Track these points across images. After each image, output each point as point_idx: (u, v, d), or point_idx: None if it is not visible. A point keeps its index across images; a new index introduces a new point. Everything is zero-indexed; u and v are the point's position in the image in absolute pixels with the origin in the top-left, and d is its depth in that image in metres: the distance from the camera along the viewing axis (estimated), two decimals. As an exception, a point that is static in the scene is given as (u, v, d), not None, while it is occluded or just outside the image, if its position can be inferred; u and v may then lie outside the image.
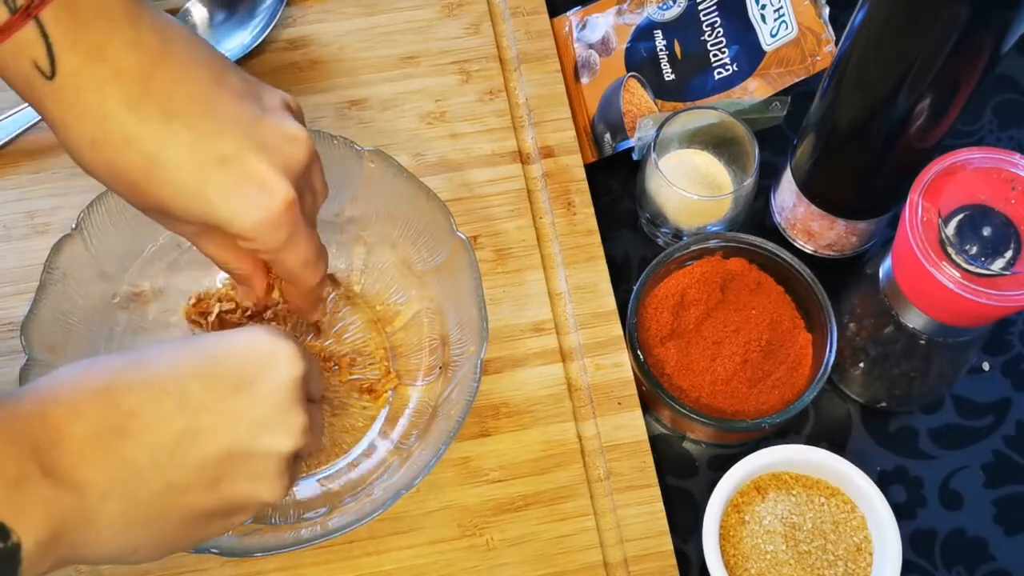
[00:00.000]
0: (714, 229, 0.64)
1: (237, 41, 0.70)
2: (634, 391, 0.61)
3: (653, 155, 0.62)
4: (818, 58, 0.66)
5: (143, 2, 0.44)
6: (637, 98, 0.68)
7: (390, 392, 0.60)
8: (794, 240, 0.66)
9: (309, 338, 0.61)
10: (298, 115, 0.48)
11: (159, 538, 0.41)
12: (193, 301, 0.61)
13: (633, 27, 0.70)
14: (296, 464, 0.46)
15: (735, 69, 0.68)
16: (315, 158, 0.48)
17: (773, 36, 0.67)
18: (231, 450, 0.41)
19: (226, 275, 0.62)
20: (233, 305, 0.60)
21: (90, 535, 0.39)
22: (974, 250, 0.48)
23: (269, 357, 0.43)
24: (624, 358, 0.62)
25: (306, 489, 0.57)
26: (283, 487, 0.43)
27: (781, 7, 0.67)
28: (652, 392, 0.59)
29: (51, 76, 0.42)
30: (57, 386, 0.40)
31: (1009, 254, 0.48)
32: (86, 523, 0.38)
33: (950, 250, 0.48)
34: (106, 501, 0.39)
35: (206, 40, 0.47)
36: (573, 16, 0.72)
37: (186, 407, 0.40)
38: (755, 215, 0.67)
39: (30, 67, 0.42)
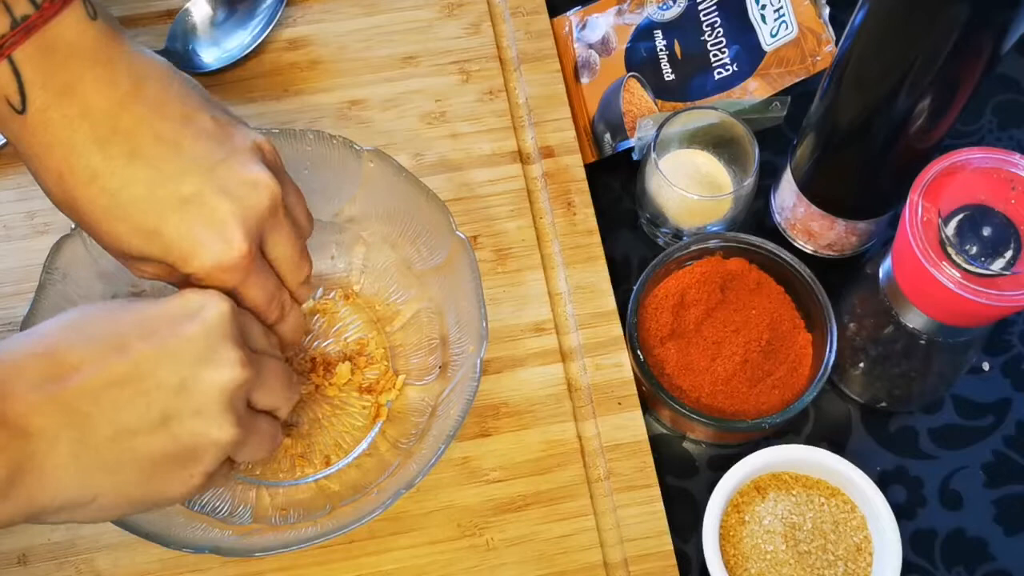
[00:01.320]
0: (714, 229, 0.64)
1: (237, 41, 0.70)
2: (634, 391, 0.61)
3: (653, 155, 0.62)
4: (818, 58, 0.66)
5: (125, 42, 0.45)
6: (637, 98, 0.68)
7: (390, 391, 0.60)
8: (794, 240, 0.66)
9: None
10: (269, 157, 0.49)
11: (118, 486, 0.42)
12: None
13: (633, 27, 0.70)
14: (258, 417, 0.47)
15: (735, 69, 0.68)
16: (289, 196, 0.49)
17: (773, 36, 0.67)
18: (173, 385, 0.42)
19: None
20: None
21: (45, 480, 0.40)
22: (974, 250, 0.48)
23: (197, 303, 0.45)
24: (624, 358, 0.62)
25: (306, 489, 0.57)
26: (231, 424, 0.44)
27: (781, 7, 0.67)
28: (652, 392, 0.59)
29: (21, 111, 0.43)
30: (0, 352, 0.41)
31: (1009, 254, 0.48)
32: (39, 468, 0.40)
33: (950, 250, 0.48)
34: (56, 445, 0.40)
35: (188, 77, 0.48)
36: (573, 16, 0.72)
37: (125, 355, 0.42)
38: (755, 215, 0.67)
39: (2, 102, 0.43)
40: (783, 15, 0.67)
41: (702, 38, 0.68)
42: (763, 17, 0.67)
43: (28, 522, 0.41)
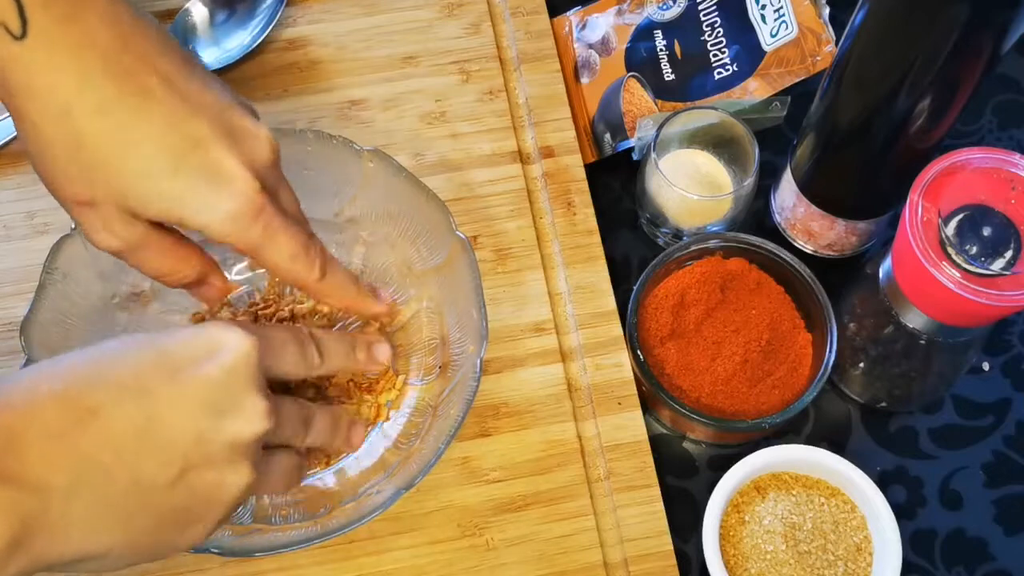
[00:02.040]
0: (714, 229, 0.64)
1: (237, 41, 0.70)
2: (634, 391, 0.61)
3: (653, 155, 0.62)
4: (818, 58, 0.66)
5: None
6: (637, 98, 0.68)
7: (390, 391, 0.60)
8: (794, 240, 0.66)
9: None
10: (254, 115, 0.48)
11: (132, 539, 0.40)
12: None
13: (633, 27, 0.70)
14: (271, 456, 0.46)
15: (735, 69, 0.68)
16: (279, 155, 0.47)
17: (773, 36, 0.67)
18: (191, 439, 0.40)
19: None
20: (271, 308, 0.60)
21: (57, 537, 0.38)
22: (974, 250, 0.48)
23: (218, 343, 0.42)
24: (624, 358, 0.62)
25: (306, 489, 0.57)
26: (247, 472, 0.42)
27: (781, 7, 0.67)
28: (652, 392, 0.59)
29: (21, 36, 0.40)
30: (11, 391, 0.38)
31: (1009, 254, 0.48)
32: (51, 525, 0.37)
33: (950, 250, 0.48)
34: (71, 502, 0.38)
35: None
36: (573, 16, 0.72)
37: (144, 400, 0.40)
38: (755, 215, 0.67)
39: None
40: (783, 15, 0.67)
41: (702, 38, 0.68)
42: (763, 17, 0.67)
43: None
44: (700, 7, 0.69)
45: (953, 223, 0.49)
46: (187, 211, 0.43)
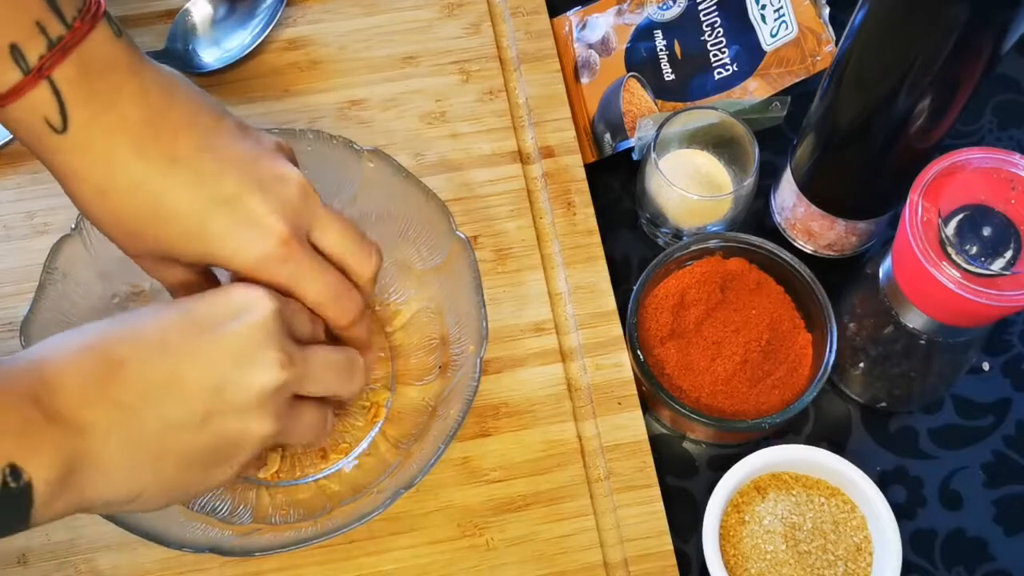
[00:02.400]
0: (714, 229, 0.64)
1: (237, 41, 0.70)
2: (634, 391, 0.61)
3: (653, 155, 0.62)
4: (818, 58, 0.66)
5: (145, 57, 0.46)
6: (637, 98, 0.68)
7: (390, 391, 0.60)
8: (794, 240, 0.66)
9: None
10: (290, 157, 0.50)
11: (163, 479, 0.43)
12: None
13: (633, 27, 0.70)
14: (303, 407, 0.48)
15: (735, 69, 0.68)
16: (309, 191, 0.49)
17: (773, 36, 0.67)
18: (214, 385, 0.43)
19: None
20: None
21: (97, 475, 0.41)
22: (974, 250, 0.48)
23: (243, 302, 0.45)
24: (624, 358, 0.62)
25: (306, 489, 0.57)
26: (271, 420, 0.45)
27: (781, 7, 0.67)
28: (652, 392, 0.59)
29: (63, 131, 0.44)
30: (49, 348, 0.42)
31: (1009, 254, 0.48)
32: (92, 463, 0.41)
33: (950, 250, 0.48)
34: (108, 441, 0.41)
35: (202, 90, 0.49)
36: (573, 16, 0.72)
37: (169, 353, 0.43)
38: (755, 215, 0.67)
39: (40, 123, 0.44)
40: (783, 15, 0.67)
41: (702, 38, 0.68)
42: (763, 17, 0.67)
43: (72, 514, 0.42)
44: (700, 7, 0.69)
45: (953, 223, 0.49)
46: (220, 259, 0.47)
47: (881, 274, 0.56)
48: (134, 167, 0.45)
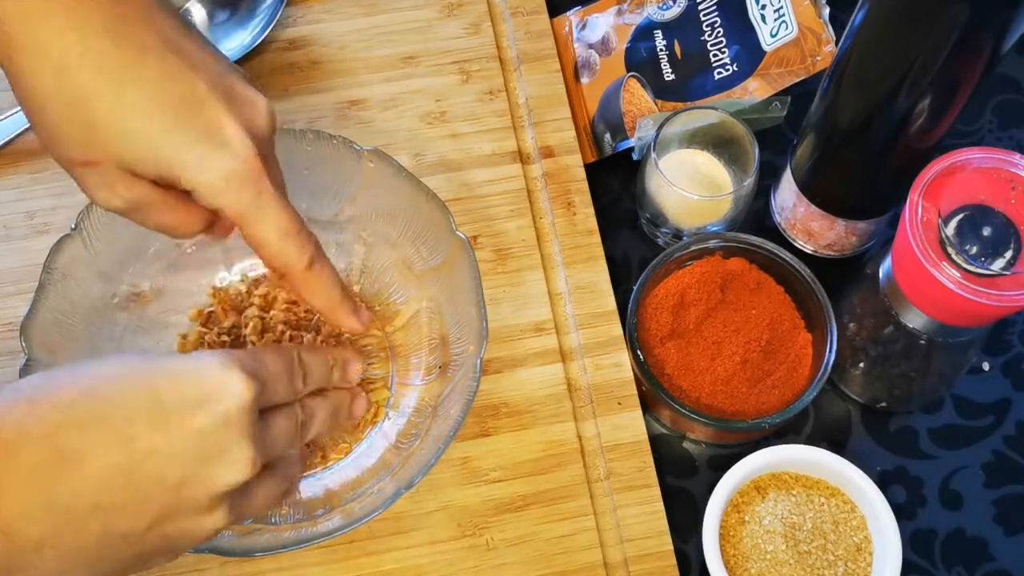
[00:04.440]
0: (714, 229, 0.64)
1: (237, 41, 0.70)
2: (634, 391, 0.61)
3: (653, 155, 0.62)
4: (818, 58, 0.66)
5: None
6: (637, 98, 0.68)
7: (390, 390, 0.60)
8: (794, 240, 0.66)
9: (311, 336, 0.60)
10: (252, 83, 0.47)
11: None
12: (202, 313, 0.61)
13: (633, 27, 0.70)
14: (252, 489, 0.44)
15: (735, 69, 0.68)
16: (275, 127, 0.46)
17: (773, 36, 0.67)
18: (172, 484, 0.39)
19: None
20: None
21: None
22: (974, 250, 0.48)
23: (214, 385, 0.40)
24: (624, 358, 0.62)
25: (306, 489, 0.57)
26: (225, 516, 0.41)
27: (781, 7, 0.67)
28: (652, 392, 0.59)
29: None
30: (1, 421, 0.38)
31: (1009, 254, 0.48)
32: (19, 570, 0.37)
33: (950, 250, 0.48)
34: (43, 552, 0.37)
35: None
36: (573, 16, 0.72)
37: (132, 447, 0.39)
38: (755, 215, 0.67)
39: None
40: (783, 15, 0.67)
41: (702, 38, 0.68)
42: (763, 17, 0.67)
43: None
44: (700, 7, 0.69)
45: (953, 223, 0.49)
46: (183, 170, 0.42)
47: (881, 274, 0.56)
48: (102, 42, 0.40)
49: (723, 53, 0.68)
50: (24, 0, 0.40)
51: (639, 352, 0.59)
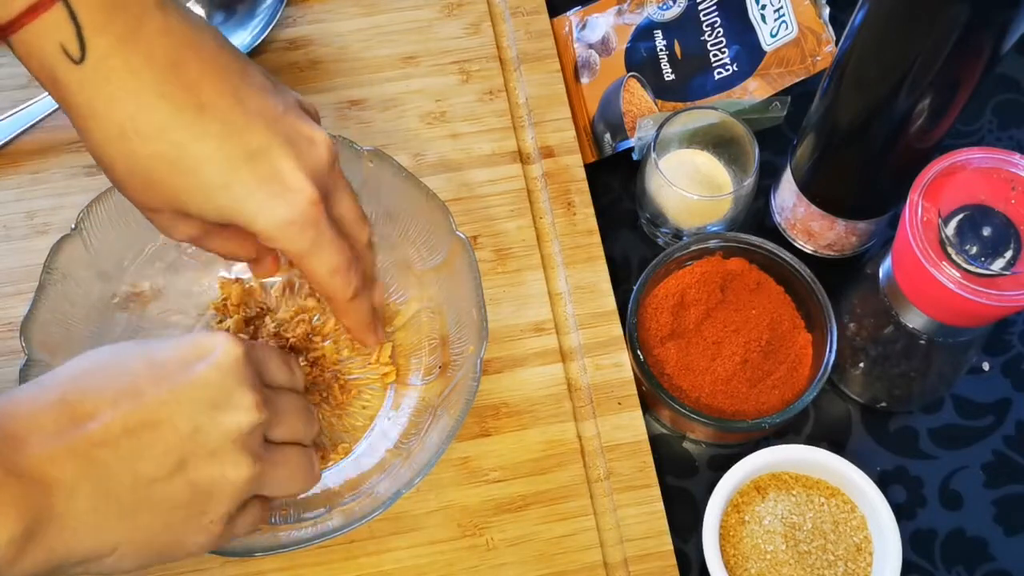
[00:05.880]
0: (714, 229, 0.64)
1: (237, 41, 0.70)
2: (634, 391, 0.61)
3: (653, 155, 0.62)
4: (818, 58, 0.66)
5: None
6: (637, 98, 0.68)
7: (390, 390, 0.60)
8: (794, 240, 0.66)
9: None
10: (314, 116, 0.48)
11: (138, 534, 0.41)
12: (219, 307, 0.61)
13: (633, 27, 0.70)
14: (284, 450, 0.46)
15: (735, 69, 0.68)
16: (337, 158, 0.47)
17: (773, 36, 0.67)
18: (186, 432, 0.42)
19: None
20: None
21: (65, 532, 0.39)
22: (974, 250, 0.48)
23: (207, 346, 0.44)
24: (624, 358, 0.62)
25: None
26: (248, 464, 0.43)
27: (781, 7, 0.67)
28: (652, 392, 0.59)
29: (80, 60, 0.41)
30: (13, 402, 0.40)
31: (1009, 254, 0.48)
32: (59, 519, 0.39)
33: (950, 250, 0.48)
34: (75, 496, 0.39)
35: (224, 35, 0.46)
36: (573, 16, 0.72)
37: (138, 400, 0.41)
38: (755, 215, 0.67)
39: (56, 51, 0.41)
40: (783, 15, 0.67)
41: (702, 38, 0.68)
42: (763, 17, 0.67)
43: None
44: (700, 7, 0.69)
45: (953, 223, 0.49)
46: (243, 218, 0.44)
47: (881, 274, 0.56)
48: (159, 110, 0.42)
49: (723, 53, 0.68)
50: (86, 69, 0.41)
51: (639, 352, 0.59)
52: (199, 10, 0.70)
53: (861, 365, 0.61)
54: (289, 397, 0.48)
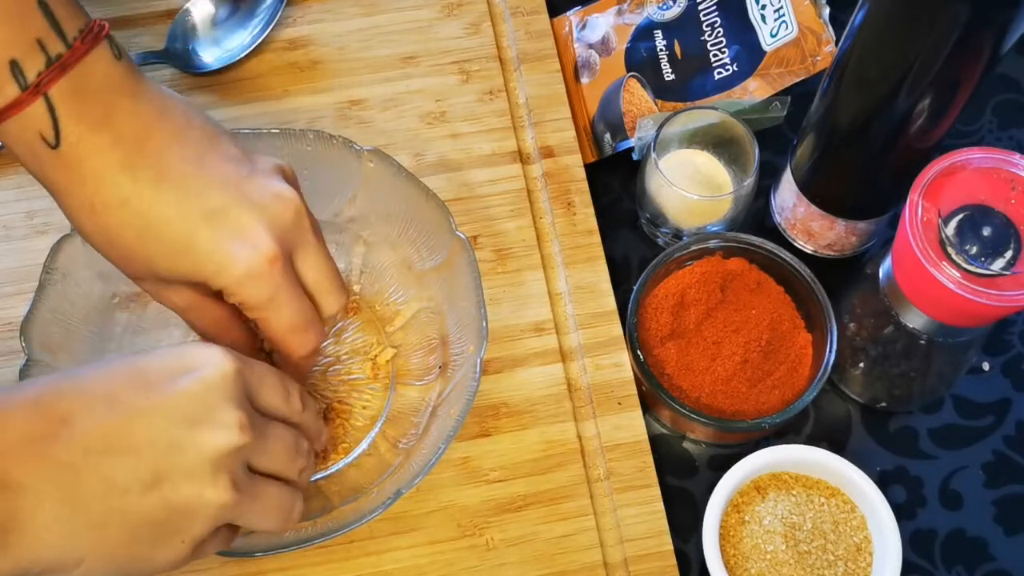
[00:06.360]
0: (714, 229, 0.64)
1: (237, 41, 0.70)
2: (634, 391, 0.61)
3: (653, 155, 0.62)
4: (818, 58, 0.66)
5: (145, 79, 0.46)
6: (637, 98, 0.68)
7: (390, 390, 0.60)
8: (794, 240, 0.66)
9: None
10: (291, 180, 0.49)
11: (105, 547, 0.40)
12: None
13: (633, 27, 0.70)
14: (265, 483, 0.45)
15: (735, 69, 0.68)
16: (304, 216, 0.48)
17: (773, 36, 0.67)
18: (165, 445, 0.41)
19: None
20: None
21: (29, 538, 0.38)
22: (974, 250, 0.48)
23: (196, 359, 0.43)
24: (624, 358, 0.62)
25: (306, 489, 0.57)
26: (227, 489, 0.42)
27: (781, 7, 0.67)
28: (652, 392, 0.59)
29: (55, 146, 0.44)
30: None
31: (1009, 254, 0.48)
32: (23, 526, 0.38)
33: (950, 250, 0.48)
34: (42, 502, 0.38)
35: (209, 115, 0.49)
36: (573, 16, 0.72)
37: (116, 408, 0.41)
38: (755, 215, 0.67)
39: (35, 138, 0.44)
40: (783, 15, 0.67)
41: (702, 38, 0.68)
42: (763, 17, 0.67)
43: None
44: (700, 7, 0.69)
45: (953, 223, 0.49)
46: (205, 275, 0.46)
47: (881, 274, 0.56)
48: (122, 184, 0.44)
49: (723, 53, 0.68)
50: (61, 152, 0.44)
51: (639, 352, 0.59)
52: (200, 10, 0.70)
53: (861, 365, 0.61)
54: (279, 426, 0.46)
